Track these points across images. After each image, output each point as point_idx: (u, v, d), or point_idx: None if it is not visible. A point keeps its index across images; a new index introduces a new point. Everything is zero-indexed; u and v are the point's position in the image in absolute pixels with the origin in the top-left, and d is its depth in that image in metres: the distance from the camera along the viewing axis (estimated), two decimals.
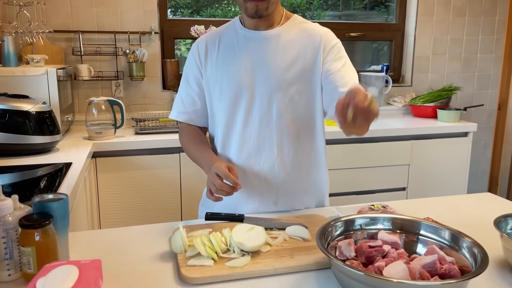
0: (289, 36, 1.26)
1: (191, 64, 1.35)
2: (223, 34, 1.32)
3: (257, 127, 1.27)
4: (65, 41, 2.58)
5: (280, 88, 1.24)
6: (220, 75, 1.28)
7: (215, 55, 1.30)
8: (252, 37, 1.27)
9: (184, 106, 1.38)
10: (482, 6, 3.25)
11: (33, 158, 1.80)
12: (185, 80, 1.38)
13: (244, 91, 1.25)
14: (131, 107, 2.65)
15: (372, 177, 2.60)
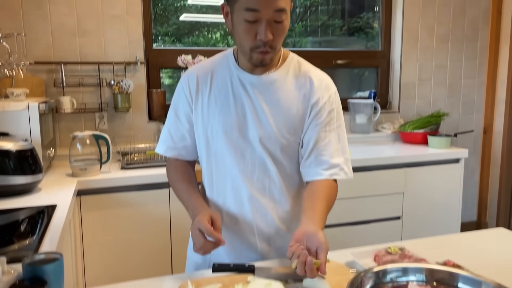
0: (284, 83, 1.21)
1: (181, 98, 1.27)
2: (216, 70, 1.24)
3: (248, 174, 1.20)
4: (46, 73, 2.47)
5: (272, 136, 1.19)
6: (212, 116, 1.21)
7: (207, 93, 1.22)
8: (247, 81, 1.20)
9: (173, 141, 1.30)
10: (464, 32, 3.31)
11: (14, 200, 1.67)
12: (174, 114, 1.29)
13: (236, 136, 1.19)
14: (116, 140, 2.54)
15: (366, 206, 2.55)
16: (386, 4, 3.23)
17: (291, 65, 1.24)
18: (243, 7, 1.07)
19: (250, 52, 1.13)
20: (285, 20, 1.10)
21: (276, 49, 1.14)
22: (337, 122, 1.22)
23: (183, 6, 3.02)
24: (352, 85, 3.50)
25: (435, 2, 3.20)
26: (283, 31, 1.12)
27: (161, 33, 2.97)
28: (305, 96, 1.20)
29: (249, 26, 1.09)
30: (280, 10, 1.07)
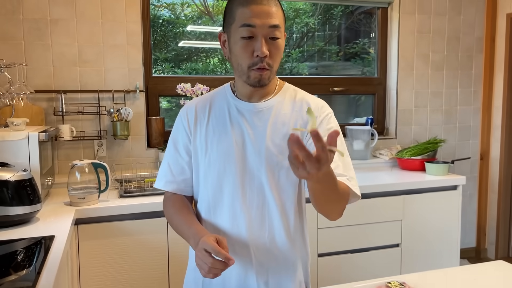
0: (281, 109, 1.23)
1: (180, 131, 1.29)
2: (214, 102, 1.27)
3: (247, 203, 1.20)
4: (46, 101, 2.49)
5: (271, 163, 1.19)
6: (210, 146, 1.23)
7: (205, 124, 1.25)
8: (244, 109, 1.23)
9: (172, 175, 1.30)
10: (459, 61, 3.37)
11: (11, 231, 1.66)
12: (174, 147, 1.30)
13: (234, 164, 1.20)
14: (114, 167, 2.54)
15: (365, 234, 2.54)
16: (382, 32, 3.30)
17: (287, 92, 1.27)
18: (240, 24, 1.12)
19: (248, 70, 1.15)
20: (280, 39, 1.14)
21: (273, 67, 1.17)
22: (339, 141, 1.22)
23: (182, 33, 3.08)
24: (349, 111, 3.53)
25: (430, 30, 3.27)
26: (279, 49, 1.15)
27: (160, 59, 3.01)
28: (303, 118, 1.22)
29: (246, 43, 1.13)
30: (274, 26, 1.12)
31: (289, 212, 1.23)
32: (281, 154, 1.19)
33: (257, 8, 1.11)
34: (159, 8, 3.01)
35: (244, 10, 1.12)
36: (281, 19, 1.15)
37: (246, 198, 1.20)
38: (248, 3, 1.12)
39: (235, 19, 1.13)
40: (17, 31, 2.42)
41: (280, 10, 1.16)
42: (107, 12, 2.55)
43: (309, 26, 3.39)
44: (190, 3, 3.07)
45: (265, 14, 1.11)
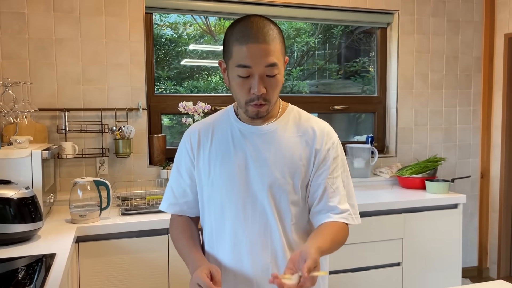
0: (284, 132, 1.23)
1: (183, 155, 1.31)
2: (217, 125, 1.28)
3: (249, 227, 1.20)
4: (50, 119, 2.52)
5: (273, 187, 1.19)
6: (213, 169, 1.24)
7: (208, 147, 1.26)
8: (247, 131, 1.23)
9: (175, 198, 1.32)
10: (457, 80, 3.41)
11: (12, 249, 1.67)
12: (177, 170, 1.33)
13: (237, 187, 1.20)
14: (116, 185, 2.56)
15: (366, 253, 2.53)
16: (381, 52, 3.34)
17: (290, 114, 1.27)
18: (236, 64, 1.13)
19: (245, 105, 1.17)
20: (277, 74, 1.15)
21: (271, 101, 1.17)
22: (341, 168, 1.25)
23: (184, 51, 3.13)
24: (350, 129, 3.55)
25: (428, 50, 3.31)
26: (276, 85, 1.16)
27: (163, 77, 3.05)
28: (307, 142, 1.22)
29: (243, 81, 1.14)
30: (271, 65, 1.12)
31: (291, 235, 1.22)
32: (283, 178, 1.19)
33: (253, 47, 1.10)
34: (162, 27, 3.07)
35: (241, 48, 1.11)
36: (278, 54, 1.14)
37: (249, 221, 1.20)
38: (244, 41, 1.10)
39: (232, 55, 1.14)
40: (23, 50, 2.47)
41: (277, 42, 1.14)
42: (111, 32, 2.60)
43: (309, 45, 3.44)
44: (192, 22, 3.13)
45: (261, 53, 1.10)
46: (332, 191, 1.21)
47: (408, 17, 3.24)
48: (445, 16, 3.33)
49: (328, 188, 1.21)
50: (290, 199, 1.20)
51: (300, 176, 1.21)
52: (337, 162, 1.24)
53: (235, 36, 1.13)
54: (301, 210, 1.24)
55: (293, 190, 1.21)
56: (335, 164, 1.23)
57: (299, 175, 1.21)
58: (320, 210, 1.22)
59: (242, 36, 1.11)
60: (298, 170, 1.21)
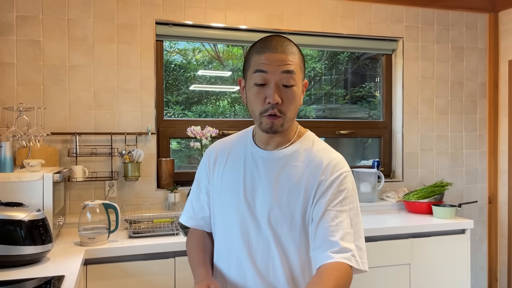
0: (295, 161, 1.21)
1: (202, 172, 1.36)
2: (234, 147, 1.31)
3: (252, 254, 1.21)
4: (61, 143, 2.58)
5: (273, 217, 1.18)
6: (223, 191, 1.27)
7: (222, 168, 1.30)
8: (258, 156, 1.24)
9: (194, 212, 1.38)
10: (463, 105, 3.44)
11: (22, 271, 1.69)
12: (197, 186, 1.38)
13: (242, 212, 1.22)
14: (124, 208, 2.59)
15: (373, 278, 2.51)
16: (386, 77, 3.39)
17: (303, 142, 1.24)
18: (253, 70, 1.14)
19: (260, 117, 1.15)
20: (294, 86, 1.14)
21: (287, 115, 1.15)
22: (350, 204, 1.16)
23: (193, 77, 3.20)
24: (357, 153, 3.58)
25: (433, 76, 3.36)
26: (293, 97, 1.14)
27: (172, 101, 3.12)
28: (313, 173, 1.18)
29: (259, 90, 1.14)
30: (287, 72, 1.12)
31: (294, 266, 1.21)
32: (283, 209, 1.18)
33: (271, 55, 1.12)
34: (172, 53, 3.16)
35: (259, 57, 1.14)
36: (297, 66, 1.14)
37: (252, 249, 1.21)
38: (263, 50, 1.14)
39: (250, 65, 1.16)
40: (38, 77, 2.55)
41: (297, 56, 1.16)
42: (123, 59, 2.69)
43: (316, 70, 3.50)
44: (201, 49, 3.22)
45: (279, 61, 1.12)
46: (335, 224, 1.12)
47: (412, 44, 3.30)
48: (449, 43, 3.39)
49: (328, 221, 1.12)
50: (291, 231, 1.18)
51: (301, 208, 1.17)
52: (343, 195, 1.15)
53: (254, 48, 1.17)
54: (304, 242, 1.20)
55: (293, 222, 1.18)
56: (341, 196, 1.15)
57: (300, 207, 1.17)
58: (319, 245, 1.13)
59: (261, 48, 1.15)
60: (299, 203, 1.17)
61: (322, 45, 3.22)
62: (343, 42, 3.21)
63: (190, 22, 2.83)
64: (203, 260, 1.27)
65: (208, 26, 2.89)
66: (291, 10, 3.02)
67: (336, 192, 1.15)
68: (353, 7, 3.16)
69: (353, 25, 3.16)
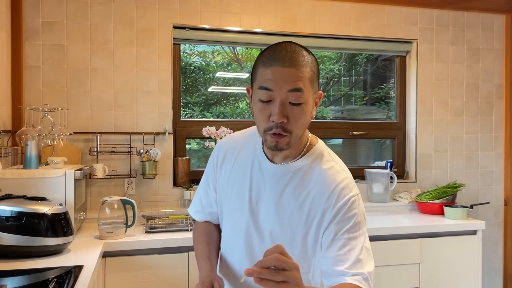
0: (302, 179, 1.15)
1: (211, 167, 1.34)
2: (243, 148, 1.27)
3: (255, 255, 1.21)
4: (83, 142, 2.72)
5: (274, 233, 1.17)
6: (229, 194, 1.26)
7: (230, 167, 1.27)
8: (265, 167, 1.19)
9: (201, 206, 1.40)
10: (478, 107, 3.43)
11: (44, 260, 1.82)
12: (206, 181, 1.37)
13: (246, 219, 1.21)
14: (142, 204, 2.71)
15: (383, 276, 2.55)
16: (401, 79, 3.42)
17: (312, 157, 1.18)
18: (258, 86, 1.06)
19: (264, 134, 1.09)
20: (303, 104, 1.05)
21: (293, 134, 1.08)
22: (360, 230, 1.10)
23: (212, 78, 3.30)
24: (375, 154, 3.60)
25: (448, 78, 3.36)
26: (301, 115, 1.06)
27: (191, 102, 3.23)
28: (316, 196, 1.13)
29: (263, 106, 1.06)
30: (295, 90, 1.03)
31: None
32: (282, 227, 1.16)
33: (277, 70, 1.03)
34: (191, 55, 3.27)
35: (265, 70, 1.05)
36: (306, 81, 1.05)
37: (254, 254, 1.22)
38: (270, 64, 1.05)
39: (256, 78, 1.08)
40: (61, 79, 2.69)
41: (308, 68, 1.06)
42: (142, 62, 2.81)
43: (333, 72, 3.56)
44: (220, 51, 3.31)
45: (285, 76, 1.03)
46: (343, 253, 1.07)
47: (426, 46, 3.31)
48: (465, 44, 3.39)
49: (336, 250, 1.08)
50: (291, 250, 1.08)
51: (302, 231, 1.14)
52: (352, 221, 1.10)
53: (262, 59, 1.08)
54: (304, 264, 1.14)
55: (294, 243, 1.14)
56: (350, 223, 1.10)
57: (301, 230, 1.14)
58: (329, 275, 1.09)
59: (268, 59, 1.06)
60: (300, 225, 1.14)
61: (337, 47, 3.28)
62: (357, 44, 3.25)
63: (206, 26, 2.93)
64: (208, 254, 1.31)
65: (223, 30, 2.98)
66: (304, 13, 3.09)
67: (344, 220, 1.10)
68: (367, 10, 3.20)
69: (367, 27, 3.20)
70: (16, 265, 1.74)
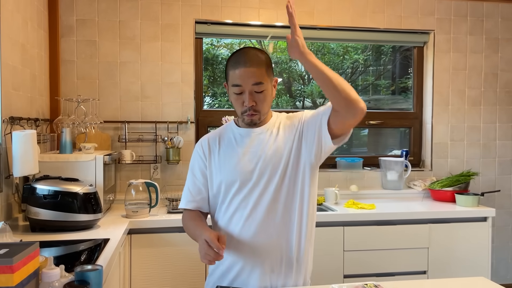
0: (275, 129, 1.54)
1: (196, 159, 1.60)
2: (222, 134, 1.60)
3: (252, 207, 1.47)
4: (113, 130, 2.96)
5: (274, 171, 1.47)
6: (223, 164, 1.53)
7: (217, 151, 1.56)
8: (246, 134, 1.54)
9: (192, 195, 1.59)
10: (497, 96, 3.44)
11: (77, 234, 2.06)
12: (191, 173, 1.61)
13: (241, 172, 1.48)
14: (166, 188, 2.93)
15: (391, 259, 2.67)
16: (418, 69, 3.48)
17: (277, 119, 1.58)
18: (231, 84, 1.47)
19: (241, 115, 1.51)
20: (264, 90, 1.46)
21: (261, 111, 1.48)
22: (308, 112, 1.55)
23: None
24: (394, 142, 3.66)
25: (465, 68, 3.40)
26: (264, 98, 1.47)
27: (218, 93, 3.42)
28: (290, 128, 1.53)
29: (237, 97, 1.47)
30: (257, 84, 1.44)
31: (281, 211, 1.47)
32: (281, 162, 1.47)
33: (241, 71, 1.43)
34: (218, 48, 3.45)
35: (234, 72, 1.45)
36: (264, 74, 1.45)
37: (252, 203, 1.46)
38: (236, 67, 1.45)
39: (229, 78, 1.48)
40: (93, 72, 2.94)
41: (264, 64, 1.46)
42: (166, 56, 3.01)
43: (358, 62, 3.64)
44: (247, 42, 3.47)
45: (249, 74, 1.43)
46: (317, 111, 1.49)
47: (444, 36, 3.35)
48: (483, 34, 3.41)
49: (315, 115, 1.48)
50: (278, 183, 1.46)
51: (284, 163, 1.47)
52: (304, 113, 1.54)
53: (230, 63, 1.48)
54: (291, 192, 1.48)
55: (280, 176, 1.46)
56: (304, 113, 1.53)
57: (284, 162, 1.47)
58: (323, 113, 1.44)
59: (235, 62, 1.46)
60: (283, 158, 1.47)
61: (352, 39, 3.37)
62: (373, 35, 3.34)
63: (227, 20, 3.10)
64: (202, 224, 1.51)
65: (243, 24, 3.14)
66: (321, 6, 3.20)
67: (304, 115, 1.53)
68: (383, 1, 3.27)
69: (383, 19, 3.28)
70: (52, 237, 1.99)
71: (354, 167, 3.25)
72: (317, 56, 1.66)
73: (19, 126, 2.18)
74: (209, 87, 3.33)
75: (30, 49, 2.47)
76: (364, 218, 2.64)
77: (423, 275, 2.72)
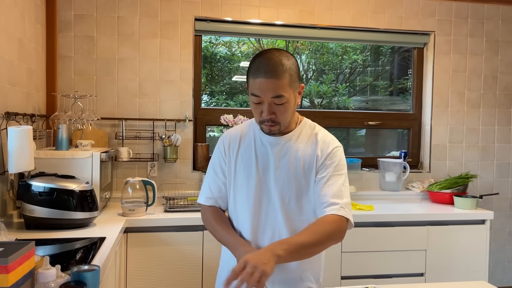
0: (297, 141, 1.48)
1: (218, 156, 1.58)
2: (244, 133, 1.55)
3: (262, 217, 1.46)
4: (110, 127, 2.93)
5: (286, 185, 1.44)
6: (238, 170, 1.51)
7: (236, 151, 1.53)
8: (267, 141, 1.49)
9: (211, 192, 1.58)
10: (496, 99, 3.44)
11: (73, 232, 2.03)
12: (212, 170, 1.59)
13: (254, 185, 1.46)
14: (163, 186, 2.90)
15: (389, 261, 2.66)
16: (418, 70, 3.47)
17: (304, 128, 1.52)
18: (251, 92, 1.38)
19: (260, 124, 1.44)
20: (285, 102, 1.36)
21: (281, 123, 1.41)
22: (339, 171, 1.45)
23: (236, 68, 3.45)
24: (398, 144, 3.64)
25: (465, 70, 3.39)
26: (285, 110, 1.38)
27: (216, 91, 3.39)
28: (312, 149, 1.47)
29: (256, 106, 1.39)
30: (277, 97, 1.34)
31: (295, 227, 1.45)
32: (288, 181, 1.44)
33: (262, 82, 1.33)
34: (217, 46, 3.42)
35: (254, 81, 1.35)
36: (286, 85, 1.34)
37: (262, 214, 1.46)
38: (256, 76, 1.34)
39: (249, 85, 1.39)
40: (91, 68, 2.90)
41: (286, 75, 1.34)
42: (165, 53, 2.98)
43: (357, 62, 3.62)
44: (245, 41, 3.45)
45: (269, 87, 1.33)
46: (327, 186, 1.41)
47: (444, 38, 3.34)
48: (484, 36, 3.40)
49: (324, 184, 1.42)
50: (297, 199, 1.44)
51: (304, 175, 1.44)
52: (334, 165, 1.44)
53: (251, 69, 1.38)
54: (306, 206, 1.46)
55: (300, 189, 1.44)
56: (332, 167, 1.44)
57: (304, 175, 1.44)
58: (317, 206, 1.42)
59: (255, 71, 1.35)
60: (304, 171, 1.44)
61: (353, 39, 3.35)
62: (374, 36, 3.32)
63: (227, 18, 3.07)
64: (231, 230, 1.50)
65: (243, 22, 3.11)
66: (322, 5, 3.18)
67: (329, 163, 1.45)
68: (384, 2, 3.25)
69: (384, 19, 3.26)
70: (48, 235, 1.96)
71: (353, 168, 3.23)
72: (316, 56, 1.62)
73: (15, 122, 2.15)
74: (207, 85, 3.30)
75: (27, 43, 2.43)
76: (362, 220, 2.62)
77: (420, 277, 2.71)
